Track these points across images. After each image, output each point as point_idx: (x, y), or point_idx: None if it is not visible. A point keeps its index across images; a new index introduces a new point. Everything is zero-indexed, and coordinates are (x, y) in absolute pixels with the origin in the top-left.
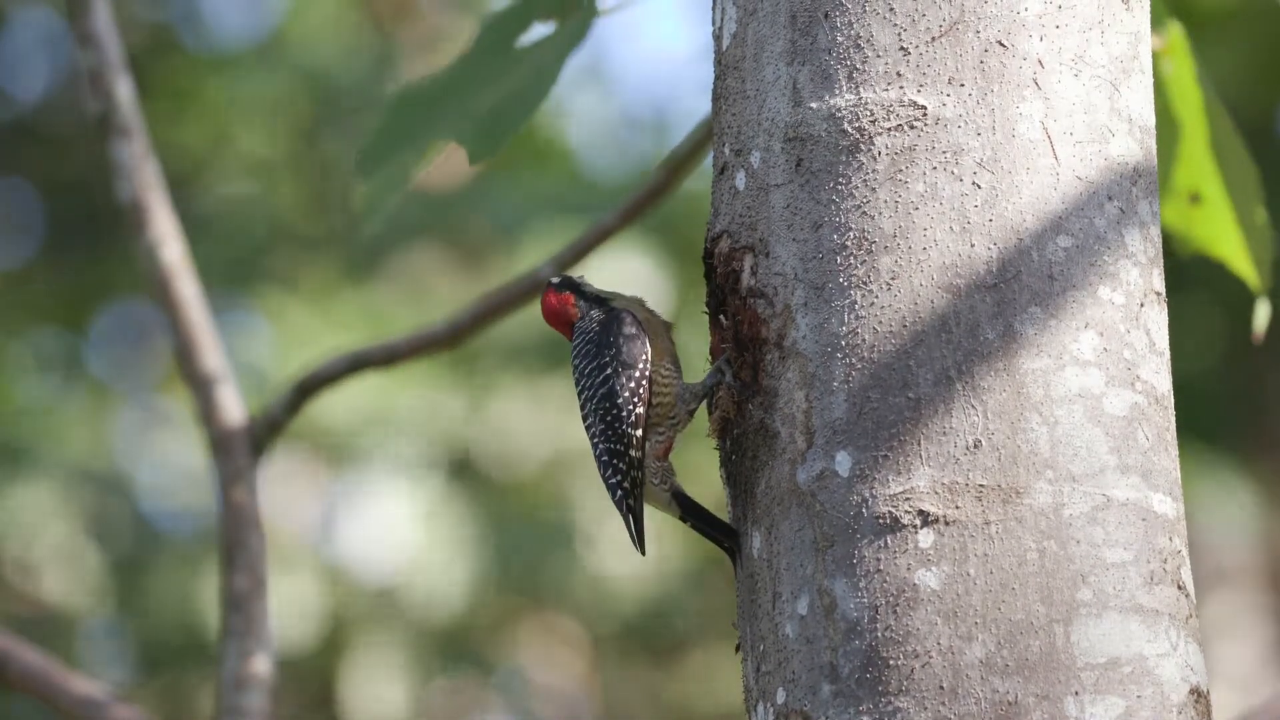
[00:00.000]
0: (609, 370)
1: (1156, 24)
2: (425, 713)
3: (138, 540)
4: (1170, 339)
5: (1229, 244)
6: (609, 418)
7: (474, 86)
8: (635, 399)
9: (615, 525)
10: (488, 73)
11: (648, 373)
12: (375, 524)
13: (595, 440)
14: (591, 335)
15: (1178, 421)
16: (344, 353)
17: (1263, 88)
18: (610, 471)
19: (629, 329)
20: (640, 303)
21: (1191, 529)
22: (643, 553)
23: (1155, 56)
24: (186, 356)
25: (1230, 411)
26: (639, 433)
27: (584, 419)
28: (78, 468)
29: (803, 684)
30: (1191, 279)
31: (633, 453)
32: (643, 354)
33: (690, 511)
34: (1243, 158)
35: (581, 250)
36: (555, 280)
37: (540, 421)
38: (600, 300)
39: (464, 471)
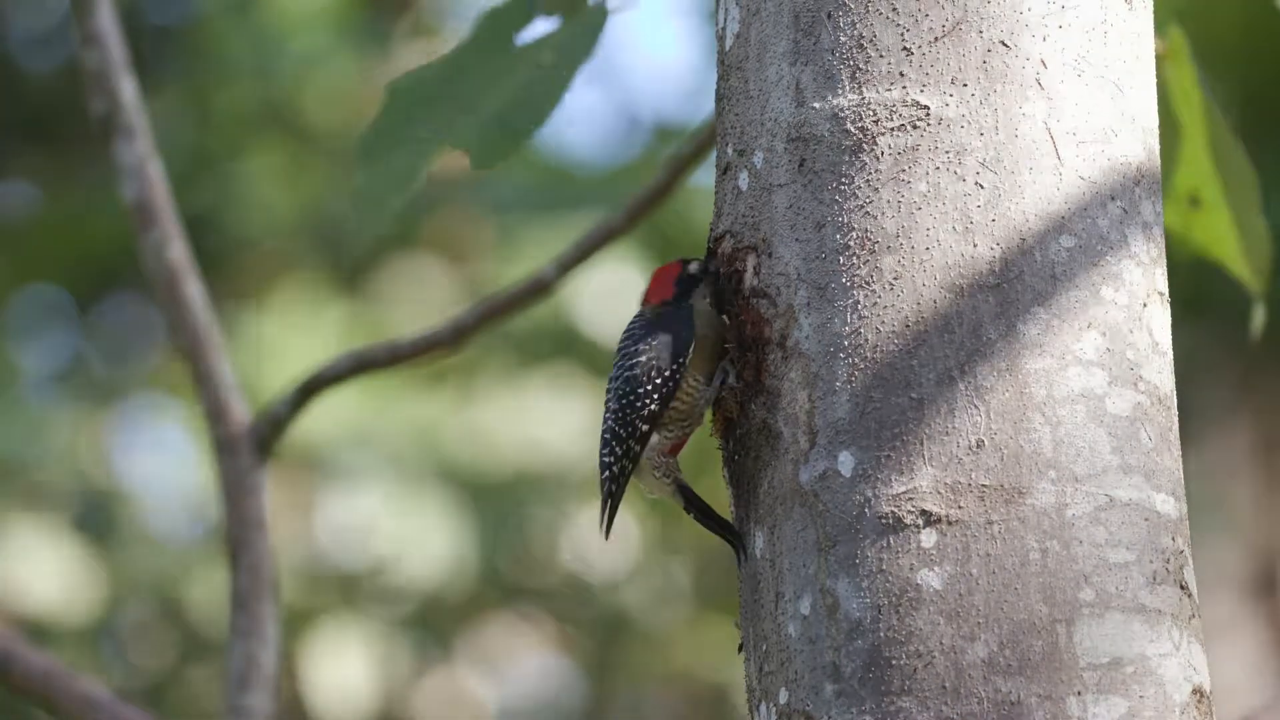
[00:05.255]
0: (643, 358)
1: (1157, 28)
2: (397, 698)
3: (136, 539)
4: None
5: (1228, 247)
6: (624, 401)
7: (474, 84)
8: (655, 395)
9: (589, 520)
10: (489, 70)
11: (677, 376)
12: (351, 518)
13: (606, 416)
14: (646, 321)
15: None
16: (348, 353)
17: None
18: (607, 451)
19: (680, 329)
20: (713, 319)
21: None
22: (606, 537)
23: (1156, 59)
24: (191, 357)
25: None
26: (646, 427)
27: (606, 392)
28: (75, 466)
29: (805, 684)
30: None
31: (633, 444)
32: (680, 356)
33: (694, 504)
34: (1241, 161)
35: (585, 251)
36: (695, 264)
37: (518, 418)
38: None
39: (440, 467)
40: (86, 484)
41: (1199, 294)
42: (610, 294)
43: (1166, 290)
